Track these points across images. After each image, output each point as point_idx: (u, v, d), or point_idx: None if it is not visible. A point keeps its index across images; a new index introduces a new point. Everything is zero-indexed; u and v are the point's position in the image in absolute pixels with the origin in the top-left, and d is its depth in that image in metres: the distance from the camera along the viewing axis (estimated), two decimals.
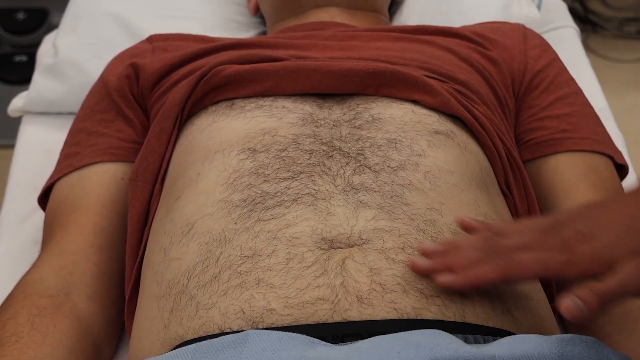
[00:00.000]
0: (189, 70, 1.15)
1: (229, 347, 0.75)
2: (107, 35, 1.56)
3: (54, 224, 1.13)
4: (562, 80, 1.26)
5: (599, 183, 1.14)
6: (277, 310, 0.80)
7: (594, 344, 0.78)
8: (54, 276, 1.04)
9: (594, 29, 2.97)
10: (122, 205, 1.14)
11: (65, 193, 1.15)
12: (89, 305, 1.04)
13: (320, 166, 0.94)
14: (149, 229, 1.03)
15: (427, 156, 0.97)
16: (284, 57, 1.13)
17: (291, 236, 0.85)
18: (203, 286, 0.85)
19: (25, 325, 0.95)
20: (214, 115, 1.07)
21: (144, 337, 0.89)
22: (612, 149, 1.19)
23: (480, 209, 0.94)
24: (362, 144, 0.97)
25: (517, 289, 0.88)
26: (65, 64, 1.54)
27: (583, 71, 1.58)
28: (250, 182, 0.93)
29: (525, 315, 0.86)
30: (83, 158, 1.18)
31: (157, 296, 0.90)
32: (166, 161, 1.07)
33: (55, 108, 1.54)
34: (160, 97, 1.16)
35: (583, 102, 1.24)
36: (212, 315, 0.82)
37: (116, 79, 1.22)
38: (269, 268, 0.83)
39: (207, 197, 0.94)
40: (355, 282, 0.81)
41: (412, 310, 0.80)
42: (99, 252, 1.09)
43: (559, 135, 1.18)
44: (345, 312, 0.79)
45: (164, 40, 1.30)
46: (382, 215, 0.88)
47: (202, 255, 0.88)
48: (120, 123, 1.21)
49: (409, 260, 0.83)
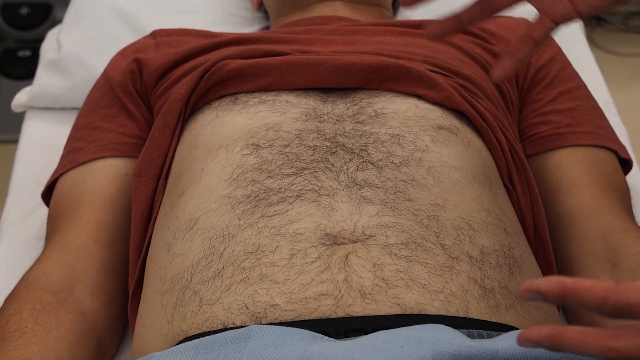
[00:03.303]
0: (193, 66, 1.15)
1: (232, 342, 0.75)
2: (111, 31, 1.56)
3: (57, 219, 1.13)
4: (566, 74, 1.25)
5: (603, 177, 1.13)
6: (280, 305, 0.80)
7: None
8: (57, 271, 1.04)
9: (598, 23, 2.97)
10: (125, 201, 1.14)
11: (68, 188, 1.16)
12: (92, 300, 1.04)
13: (324, 162, 0.94)
14: (153, 225, 1.03)
15: (431, 151, 0.97)
16: (288, 52, 1.13)
17: (295, 232, 0.85)
18: (207, 282, 0.85)
19: (28, 321, 0.95)
20: (217, 110, 1.07)
21: (147, 333, 0.89)
22: (616, 143, 1.19)
23: (483, 204, 0.94)
24: (365, 140, 0.97)
25: (521, 283, 0.88)
26: (69, 59, 1.54)
27: (587, 65, 1.58)
28: (254, 178, 0.93)
29: (528, 310, 0.86)
30: (87, 153, 1.18)
31: (160, 292, 0.90)
32: (170, 157, 1.07)
33: (58, 103, 1.54)
34: (164, 92, 1.16)
35: (587, 97, 1.24)
36: (215, 310, 0.82)
37: (120, 74, 1.22)
38: (272, 264, 0.83)
39: (210, 192, 0.94)
40: (359, 278, 0.81)
41: (415, 305, 0.80)
42: (103, 248, 1.09)
43: (562, 130, 1.18)
44: (349, 308, 0.79)
45: (168, 36, 1.29)
46: (386, 211, 0.88)
47: (205, 250, 0.88)
48: (123, 118, 1.21)
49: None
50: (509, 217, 0.97)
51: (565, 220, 1.11)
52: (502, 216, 0.95)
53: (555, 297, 0.64)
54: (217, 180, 0.95)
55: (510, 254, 0.90)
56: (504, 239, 0.92)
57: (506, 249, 0.90)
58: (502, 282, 0.86)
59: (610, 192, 1.12)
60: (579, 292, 0.65)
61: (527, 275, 0.91)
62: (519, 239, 0.96)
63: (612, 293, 0.64)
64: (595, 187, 1.12)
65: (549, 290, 0.65)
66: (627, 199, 1.15)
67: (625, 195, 1.15)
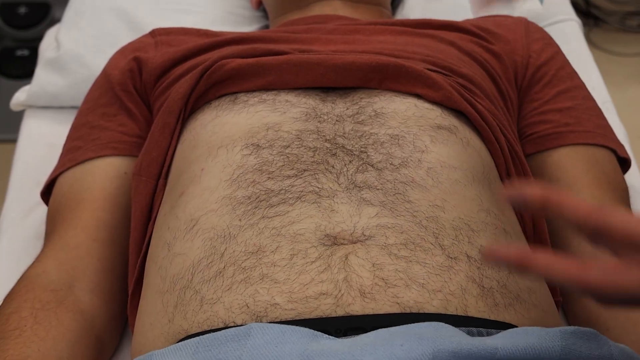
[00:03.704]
0: (192, 65, 1.15)
1: (233, 340, 0.75)
2: (110, 29, 1.56)
3: (56, 218, 1.13)
4: (565, 73, 1.26)
5: (602, 176, 1.14)
6: (281, 304, 0.80)
7: (596, 337, 0.78)
8: (57, 270, 1.04)
9: (597, 23, 2.97)
10: (125, 200, 1.14)
11: (68, 187, 1.15)
12: (92, 299, 1.04)
13: (324, 164, 0.94)
14: (153, 224, 1.03)
15: (430, 152, 0.97)
16: (287, 51, 1.13)
17: (295, 233, 0.86)
18: (208, 281, 0.85)
19: (28, 319, 0.95)
20: (217, 109, 1.07)
21: (147, 331, 0.90)
22: (614, 142, 1.19)
23: (483, 204, 0.94)
24: (365, 141, 0.97)
25: (519, 282, 0.88)
26: (68, 58, 1.54)
27: (586, 65, 1.58)
28: (255, 179, 0.93)
29: (528, 308, 0.87)
30: (86, 152, 1.18)
31: (161, 291, 0.90)
32: (170, 156, 1.07)
33: (57, 102, 1.54)
34: (164, 91, 1.16)
35: (585, 96, 1.24)
36: (216, 309, 0.82)
37: (119, 73, 1.22)
38: (273, 264, 0.83)
39: (211, 193, 0.94)
40: (358, 277, 0.81)
41: (414, 304, 0.80)
42: (102, 247, 1.09)
43: (561, 129, 1.18)
44: (349, 307, 0.79)
45: (167, 35, 1.29)
46: (385, 212, 0.88)
47: (206, 251, 0.88)
48: (123, 117, 1.21)
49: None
50: (508, 217, 0.97)
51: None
52: (501, 216, 0.95)
53: (537, 204, 0.65)
54: (218, 181, 0.95)
55: None
56: (503, 238, 0.92)
57: None
58: (501, 281, 0.86)
59: (610, 191, 1.12)
60: (562, 204, 0.65)
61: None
62: (518, 238, 0.96)
63: (595, 213, 0.64)
64: (594, 185, 1.12)
65: (533, 196, 0.65)
66: (625, 198, 1.15)
67: (624, 194, 1.15)
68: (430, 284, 0.82)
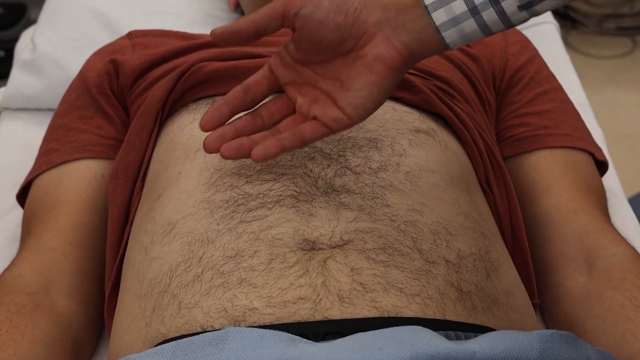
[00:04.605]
0: (170, 68, 1.15)
1: (210, 345, 0.75)
2: (86, 31, 1.55)
3: (32, 220, 1.12)
4: (543, 76, 1.26)
5: (579, 179, 1.14)
6: (259, 309, 0.80)
7: (574, 340, 0.78)
8: (33, 273, 1.03)
9: (574, 25, 2.99)
10: (102, 203, 1.13)
11: (44, 190, 1.15)
12: (68, 302, 1.03)
13: (302, 168, 0.93)
14: (130, 227, 1.03)
15: (408, 155, 0.97)
16: (265, 54, 1.13)
17: (273, 237, 0.85)
18: (185, 285, 0.84)
19: (3, 323, 0.95)
20: (195, 112, 1.06)
21: (124, 335, 0.89)
22: (592, 145, 1.20)
23: (461, 208, 0.94)
24: (343, 145, 0.97)
25: (497, 286, 0.88)
26: (44, 60, 1.53)
27: (563, 67, 1.59)
28: (232, 182, 0.93)
29: (505, 312, 0.87)
30: (62, 154, 1.17)
31: (138, 295, 0.90)
32: (147, 159, 1.07)
33: (33, 104, 1.53)
34: (141, 94, 1.16)
35: (563, 99, 1.25)
36: (194, 314, 0.82)
37: (96, 75, 1.22)
38: (251, 268, 0.83)
39: (188, 196, 0.94)
40: (337, 282, 0.81)
41: (392, 308, 0.80)
42: (79, 249, 1.09)
43: (539, 132, 1.18)
44: (327, 311, 0.79)
45: (144, 37, 1.29)
46: (363, 216, 0.88)
47: (184, 255, 0.87)
48: (99, 119, 1.20)
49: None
50: (486, 220, 0.97)
51: (542, 222, 1.11)
52: (480, 219, 0.95)
53: None
54: (195, 184, 0.95)
55: (487, 257, 0.91)
56: (481, 242, 0.92)
57: (483, 252, 0.91)
58: (479, 285, 0.86)
59: (587, 194, 1.12)
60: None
61: (503, 277, 0.91)
62: (496, 241, 0.96)
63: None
64: (572, 188, 1.12)
65: None
66: (603, 201, 1.15)
67: (601, 196, 1.15)
68: (408, 288, 0.82)
